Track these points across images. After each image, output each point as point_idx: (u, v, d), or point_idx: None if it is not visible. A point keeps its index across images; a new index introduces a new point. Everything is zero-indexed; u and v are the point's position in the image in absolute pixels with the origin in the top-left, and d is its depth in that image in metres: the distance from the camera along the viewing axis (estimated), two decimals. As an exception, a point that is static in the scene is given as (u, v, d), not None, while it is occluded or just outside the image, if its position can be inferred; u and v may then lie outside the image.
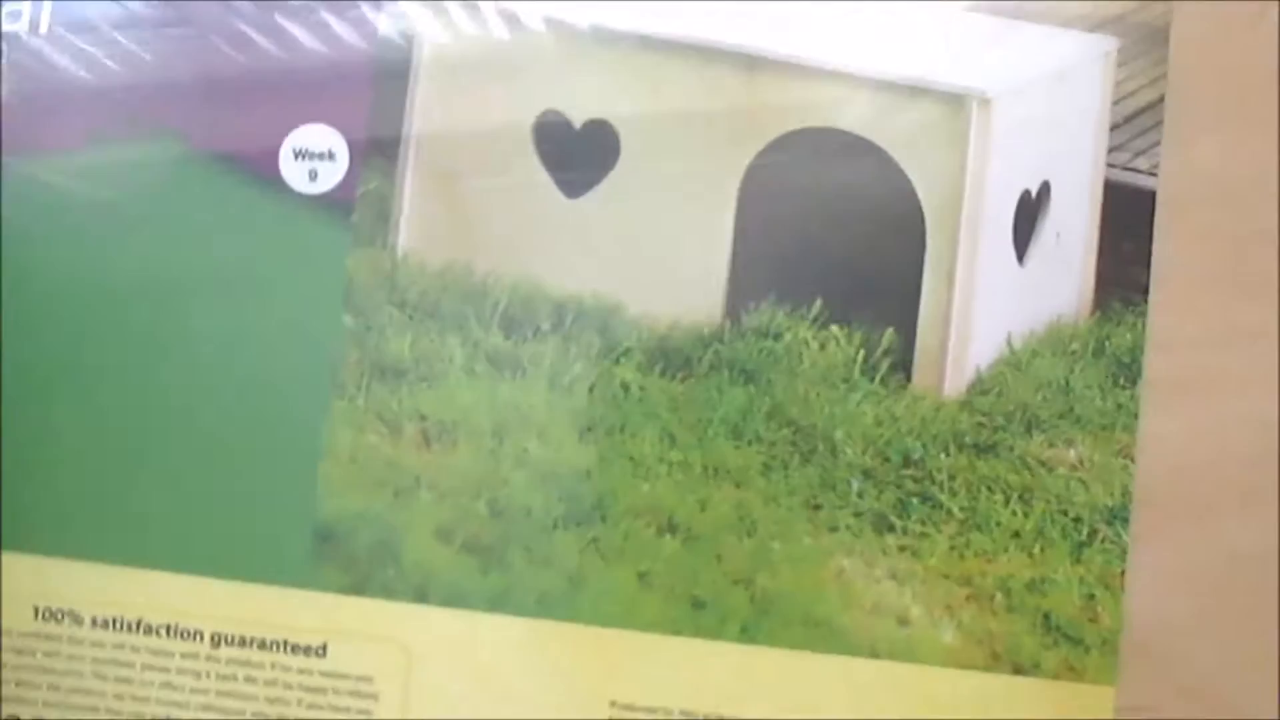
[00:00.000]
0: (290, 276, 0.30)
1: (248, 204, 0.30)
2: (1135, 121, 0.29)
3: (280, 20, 0.30)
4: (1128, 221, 0.29)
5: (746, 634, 0.29)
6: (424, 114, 0.31)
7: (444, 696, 0.30)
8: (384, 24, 0.30)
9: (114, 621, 0.31)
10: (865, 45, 0.30)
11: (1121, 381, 0.28)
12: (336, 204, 0.30)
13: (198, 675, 0.30)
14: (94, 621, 0.30)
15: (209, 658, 0.30)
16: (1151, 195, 0.28)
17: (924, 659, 0.28)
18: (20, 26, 0.31)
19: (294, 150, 0.30)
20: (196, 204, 0.31)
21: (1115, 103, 0.29)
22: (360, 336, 0.30)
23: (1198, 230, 0.28)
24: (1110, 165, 0.29)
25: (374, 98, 0.30)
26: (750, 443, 0.29)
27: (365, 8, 0.30)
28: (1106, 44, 0.29)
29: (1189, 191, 0.28)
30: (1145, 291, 0.28)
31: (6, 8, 0.31)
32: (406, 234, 0.30)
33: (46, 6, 0.31)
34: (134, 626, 0.30)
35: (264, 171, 0.30)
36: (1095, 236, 0.29)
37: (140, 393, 0.30)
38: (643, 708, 0.29)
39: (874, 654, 0.28)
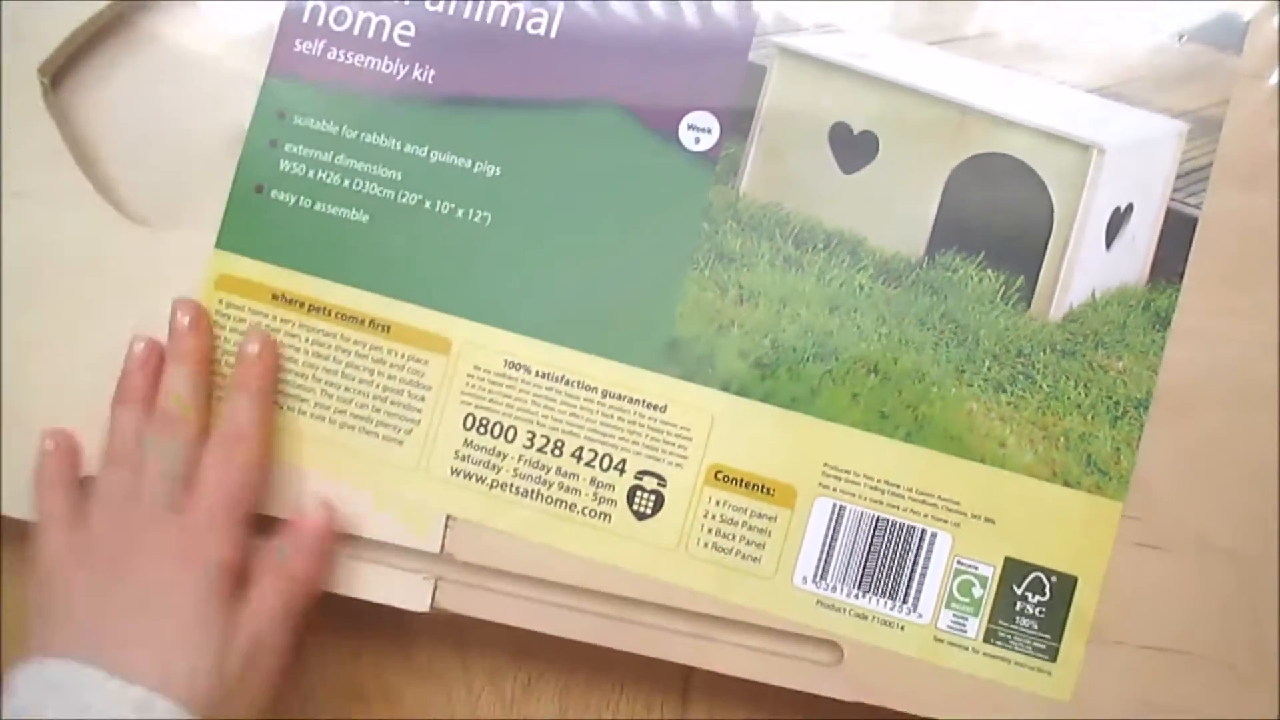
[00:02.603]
0: (675, 199, 0.40)
1: (656, 156, 0.40)
2: (1191, 175, 0.39)
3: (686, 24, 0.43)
4: (1178, 235, 0.39)
5: (910, 438, 0.39)
6: (768, 114, 0.40)
7: (728, 444, 0.40)
8: (754, 52, 0.40)
9: (546, 374, 0.41)
10: (1033, 106, 0.39)
11: (1157, 326, 0.39)
12: (708, 159, 0.40)
13: (591, 411, 0.40)
14: (536, 373, 0.41)
15: (599, 402, 0.40)
16: (1194, 221, 0.39)
17: (1012, 468, 0.39)
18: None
19: (688, 125, 0.40)
20: (622, 149, 0.40)
21: (1181, 162, 0.39)
22: (711, 236, 0.40)
23: (1219, 243, 0.39)
24: (1172, 200, 0.39)
25: (740, 99, 0.40)
26: (929, 329, 0.39)
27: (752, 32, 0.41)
28: (1180, 126, 0.39)
29: (1219, 223, 0.39)
30: (1182, 276, 0.39)
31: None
32: (747, 182, 0.40)
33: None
34: (553, 376, 0.40)
35: (669, 135, 0.40)
36: (1155, 240, 0.39)
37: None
38: (842, 470, 0.40)
39: (983, 460, 0.39)
